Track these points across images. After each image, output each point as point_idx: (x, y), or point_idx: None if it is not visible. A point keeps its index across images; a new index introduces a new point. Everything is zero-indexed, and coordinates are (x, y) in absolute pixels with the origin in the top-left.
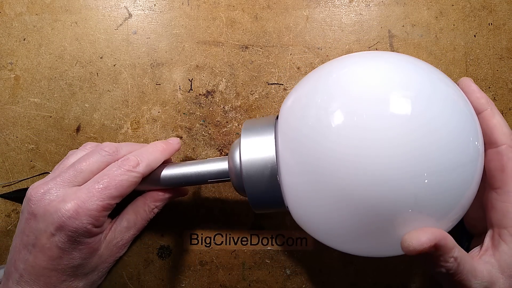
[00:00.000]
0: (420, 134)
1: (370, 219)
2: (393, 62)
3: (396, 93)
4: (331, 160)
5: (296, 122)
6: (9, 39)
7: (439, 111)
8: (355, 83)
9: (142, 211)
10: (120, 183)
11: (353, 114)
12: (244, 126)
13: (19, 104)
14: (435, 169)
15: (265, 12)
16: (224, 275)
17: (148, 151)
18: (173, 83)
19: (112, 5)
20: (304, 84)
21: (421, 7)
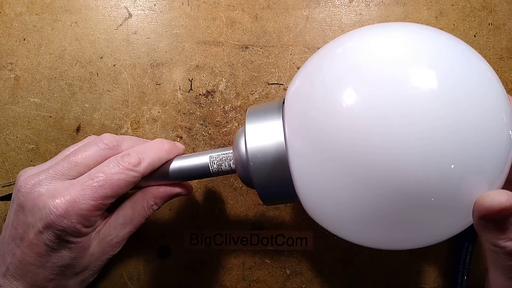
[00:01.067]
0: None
1: (391, 202)
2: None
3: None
4: (346, 140)
5: (303, 104)
6: (9, 39)
7: (466, 80)
8: (364, 55)
9: (141, 207)
10: (116, 182)
11: (364, 88)
12: (248, 111)
13: (19, 104)
14: (465, 150)
15: (265, 12)
16: (224, 275)
17: (152, 149)
18: (173, 83)
19: (112, 5)
20: (311, 63)
21: (421, 7)
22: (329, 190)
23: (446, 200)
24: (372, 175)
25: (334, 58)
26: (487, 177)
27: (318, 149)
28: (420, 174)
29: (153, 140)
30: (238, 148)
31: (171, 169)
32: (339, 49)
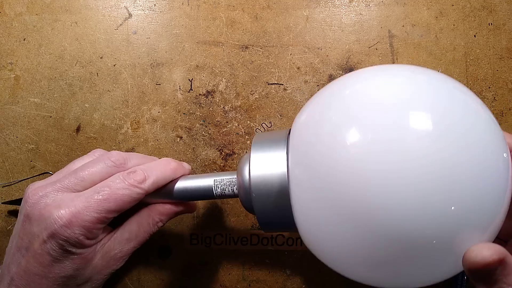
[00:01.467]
0: (441, 148)
1: (389, 245)
2: (405, 75)
3: (412, 108)
4: (345, 180)
5: (310, 138)
6: (9, 39)
7: (461, 123)
8: (369, 99)
9: (146, 223)
10: (121, 198)
11: (368, 130)
12: (254, 140)
13: (19, 104)
14: (463, 189)
15: (265, 12)
16: (224, 275)
17: (158, 167)
18: (173, 83)
19: (112, 5)
20: (318, 99)
21: (421, 7)
22: (327, 227)
23: (443, 244)
24: (369, 219)
25: (342, 99)
26: (484, 219)
27: (320, 185)
28: (418, 218)
29: (160, 159)
30: (242, 175)
31: (175, 189)
32: (347, 91)
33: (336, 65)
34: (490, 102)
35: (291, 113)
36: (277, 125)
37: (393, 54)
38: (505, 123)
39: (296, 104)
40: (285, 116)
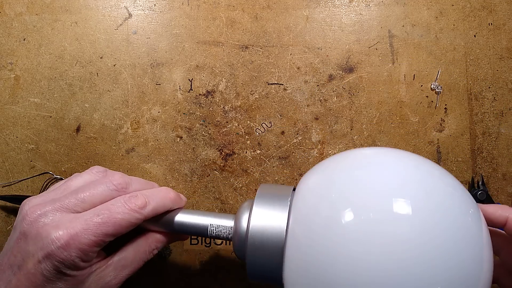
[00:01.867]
0: (423, 230)
1: None
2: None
3: (398, 197)
4: (339, 254)
5: (312, 208)
6: (9, 39)
7: (437, 206)
8: (367, 185)
9: (143, 251)
10: (119, 222)
11: (360, 213)
12: (259, 191)
13: (19, 104)
14: (446, 269)
15: (265, 12)
16: (224, 275)
17: (159, 195)
18: (173, 83)
19: (112, 5)
20: (326, 172)
21: (421, 7)
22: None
23: None
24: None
25: (344, 181)
26: None
27: (314, 251)
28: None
29: (160, 187)
30: (239, 222)
31: (175, 221)
32: (349, 175)
33: (336, 65)
34: (490, 102)
35: (291, 113)
36: (277, 125)
37: (393, 54)
38: (505, 123)
39: (296, 104)
40: (285, 116)
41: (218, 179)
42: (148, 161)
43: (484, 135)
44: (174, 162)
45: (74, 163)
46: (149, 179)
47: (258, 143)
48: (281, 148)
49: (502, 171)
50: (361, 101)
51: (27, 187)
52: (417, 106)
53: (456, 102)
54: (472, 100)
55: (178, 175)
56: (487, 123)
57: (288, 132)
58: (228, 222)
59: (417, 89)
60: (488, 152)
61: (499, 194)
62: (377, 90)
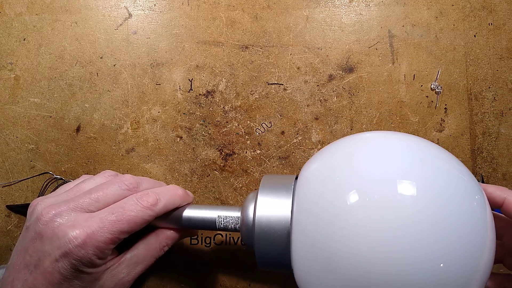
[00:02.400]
0: (428, 214)
1: None
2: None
3: (402, 179)
4: (343, 237)
5: (316, 192)
6: (9, 39)
7: (446, 191)
8: (370, 168)
9: (154, 248)
10: (134, 219)
11: (365, 195)
12: (262, 181)
13: (19, 104)
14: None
15: (265, 12)
16: (224, 275)
17: (168, 193)
18: (173, 83)
19: (112, 5)
20: (328, 157)
21: (421, 7)
22: (322, 277)
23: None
24: (364, 275)
25: (348, 164)
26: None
27: (320, 234)
28: (409, 275)
29: (169, 185)
30: (246, 213)
31: (183, 216)
32: (353, 158)
33: (336, 65)
34: (490, 102)
35: (291, 113)
36: (277, 125)
37: (393, 54)
38: (505, 123)
39: (296, 104)
40: (285, 116)
41: (218, 179)
42: (148, 161)
43: (484, 135)
44: (174, 162)
45: (74, 163)
46: None
47: (258, 143)
48: (281, 148)
49: (502, 171)
50: (361, 101)
51: (27, 187)
52: (417, 106)
53: (456, 102)
54: (472, 100)
55: (178, 175)
56: (487, 123)
57: (288, 132)
58: (235, 213)
59: (417, 89)
60: (488, 152)
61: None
62: (377, 90)
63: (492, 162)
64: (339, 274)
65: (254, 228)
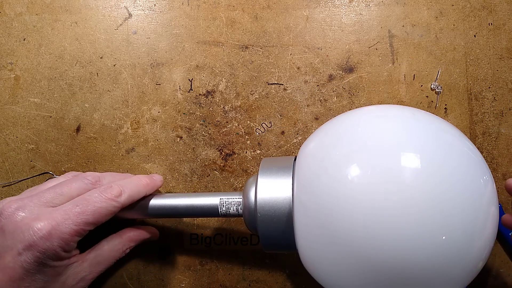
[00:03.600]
0: (430, 185)
1: (382, 274)
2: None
3: (404, 151)
4: (346, 211)
5: (316, 170)
6: (9, 39)
7: (445, 161)
8: (370, 141)
9: (116, 249)
10: (98, 210)
11: (367, 168)
12: (261, 164)
13: (19, 104)
14: (452, 221)
15: (265, 12)
16: (224, 275)
17: (132, 183)
18: (173, 83)
19: (112, 5)
20: (325, 134)
21: (421, 7)
22: (326, 253)
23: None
24: (367, 247)
25: (348, 137)
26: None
27: (322, 211)
28: (413, 247)
29: (133, 176)
30: (247, 196)
31: (150, 205)
32: (353, 130)
33: (336, 65)
34: (490, 102)
35: (291, 113)
36: (277, 125)
37: (393, 54)
38: (505, 123)
39: (296, 104)
40: (285, 116)
41: (218, 179)
42: (148, 161)
43: (484, 135)
44: (174, 162)
45: (74, 163)
46: None
47: (258, 143)
48: (281, 148)
49: (502, 171)
50: (361, 101)
51: (27, 187)
52: (417, 106)
53: (456, 102)
54: (472, 100)
55: (178, 175)
56: (487, 123)
57: (288, 132)
58: (237, 196)
59: (417, 89)
60: (488, 152)
61: (499, 194)
62: (377, 90)
63: (492, 162)
64: (343, 250)
65: (256, 211)
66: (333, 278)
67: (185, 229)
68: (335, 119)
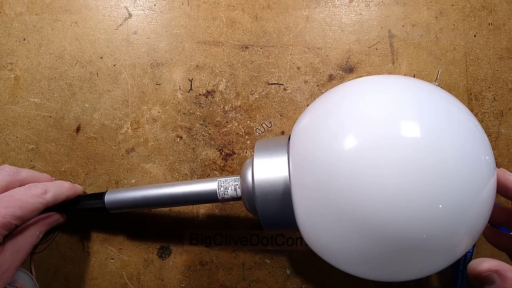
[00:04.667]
0: (429, 155)
1: (382, 243)
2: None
3: (403, 118)
4: (344, 183)
5: (310, 144)
6: (9, 39)
7: (446, 131)
8: (366, 110)
9: (30, 234)
10: (25, 205)
11: (364, 138)
12: (256, 146)
13: (19, 104)
14: (449, 190)
15: (265, 12)
16: (224, 275)
17: (55, 184)
18: (173, 83)
19: (112, 5)
20: (317, 107)
21: (421, 7)
22: (327, 226)
23: (434, 239)
24: (365, 218)
25: (341, 109)
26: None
27: (319, 186)
28: (410, 216)
29: (55, 181)
30: (245, 178)
31: (147, 195)
32: (346, 101)
33: (336, 65)
34: (490, 102)
35: (291, 113)
36: (277, 125)
37: (393, 54)
38: (505, 123)
39: (296, 104)
40: (285, 116)
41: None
42: (148, 161)
43: None
44: (174, 162)
45: (74, 163)
46: (149, 179)
47: None
48: None
49: None
50: None
51: None
52: None
53: None
54: (472, 100)
55: (178, 175)
56: (487, 123)
57: (288, 132)
58: (234, 179)
59: None
60: None
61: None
62: None
63: None
64: (343, 223)
65: (254, 192)
66: (334, 251)
67: (185, 229)
68: (326, 93)
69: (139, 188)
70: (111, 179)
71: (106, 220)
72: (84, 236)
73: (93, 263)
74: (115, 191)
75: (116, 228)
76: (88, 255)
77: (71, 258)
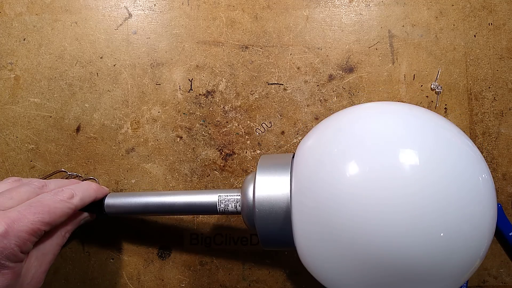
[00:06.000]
0: (429, 182)
1: (381, 271)
2: (401, 117)
3: (403, 147)
4: (344, 208)
5: (313, 166)
6: (9, 39)
7: (444, 158)
8: (368, 138)
9: (56, 235)
10: (53, 210)
11: (365, 165)
12: (260, 161)
13: (19, 104)
14: (451, 219)
15: (265, 12)
16: (224, 275)
17: (82, 187)
18: (173, 83)
19: (112, 5)
20: (323, 130)
21: (421, 7)
22: (325, 249)
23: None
24: (365, 244)
25: (346, 135)
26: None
27: (320, 208)
28: (411, 244)
29: (81, 182)
30: (246, 194)
31: (148, 202)
32: (351, 128)
33: (336, 65)
34: (490, 102)
35: (291, 113)
36: (277, 125)
37: (393, 54)
38: (505, 123)
39: (296, 104)
40: (285, 116)
41: (218, 179)
42: (148, 161)
43: (484, 135)
44: (174, 162)
45: (74, 163)
46: (149, 179)
47: (258, 143)
48: (281, 148)
49: (502, 171)
50: (361, 101)
51: None
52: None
53: (456, 102)
54: (472, 100)
55: (178, 175)
56: (487, 123)
57: (288, 132)
58: (235, 193)
59: (417, 89)
60: (488, 152)
61: (499, 194)
62: (377, 90)
63: (492, 162)
64: (341, 246)
65: (254, 208)
66: (331, 275)
67: (185, 229)
68: (333, 116)
69: (139, 194)
70: (111, 179)
71: (106, 220)
72: (84, 236)
73: (93, 263)
74: (114, 196)
75: (116, 228)
76: (88, 255)
77: (71, 258)
